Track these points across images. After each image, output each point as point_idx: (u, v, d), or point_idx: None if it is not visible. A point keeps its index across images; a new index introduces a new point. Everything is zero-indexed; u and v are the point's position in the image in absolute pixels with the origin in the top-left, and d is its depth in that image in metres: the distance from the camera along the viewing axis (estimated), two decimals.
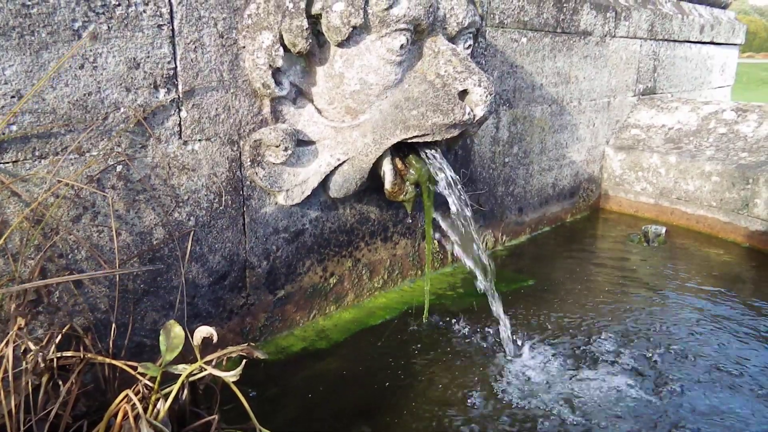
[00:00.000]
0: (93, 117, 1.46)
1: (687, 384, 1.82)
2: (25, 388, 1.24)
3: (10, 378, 1.20)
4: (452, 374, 1.85)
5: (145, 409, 1.26)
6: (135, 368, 1.28)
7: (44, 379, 1.30)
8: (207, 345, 1.34)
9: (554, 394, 1.75)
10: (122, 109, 1.51)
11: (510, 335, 1.98)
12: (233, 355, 1.33)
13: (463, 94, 1.78)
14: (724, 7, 4.87)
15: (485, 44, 2.53)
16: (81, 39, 1.40)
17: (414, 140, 1.82)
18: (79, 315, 1.52)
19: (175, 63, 1.58)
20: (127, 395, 1.26)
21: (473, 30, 1.93)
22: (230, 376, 1.25)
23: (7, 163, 1.36)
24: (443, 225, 2.10)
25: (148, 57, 1.53)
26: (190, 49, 1.60)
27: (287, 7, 1.61)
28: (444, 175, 1.93)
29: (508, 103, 2.77)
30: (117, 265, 1.55)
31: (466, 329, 2.12)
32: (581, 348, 2.01)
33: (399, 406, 1.69)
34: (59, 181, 1.42)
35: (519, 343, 2.01)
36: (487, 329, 2.09)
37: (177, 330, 1.31)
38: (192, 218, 1.72)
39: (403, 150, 1.94)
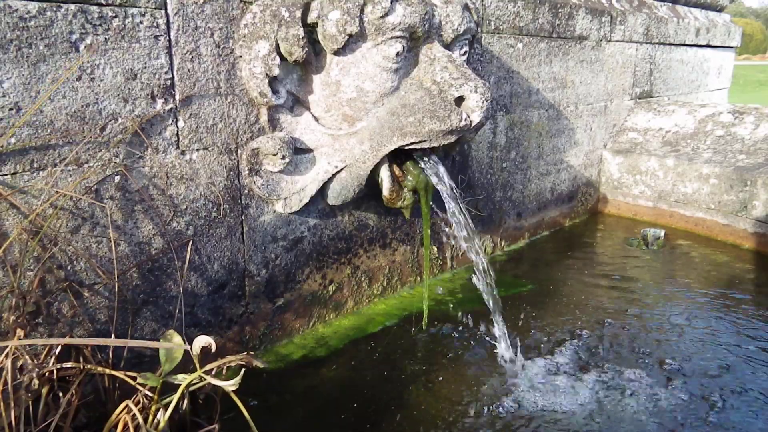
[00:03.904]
0: (91, 128, 1.46)
1: (693, 391, 1.82)
2: (25, 400, 1.24)
3: (10, 390, 1.20)
4: (452, 383, 1.85)
5: (146, 420, 1.26)
6: (135, 379, 1.29)
7: (44, 391, 1.30)
8: (206, 354, 1.34)
9: (555, 403, 1.75)
10: (120, 120, 1.51)
11: (509, 342, 1.98)
12: (233, 364, 1.33)
13: (460, 100, 1.79)
14: (720, 10, 4.89)
15: (481, 50, 2.54)
16: (78, 51, 1.40)
17: (411, 147, 1.83)
18: (78, 326, 1.52)
19: (172, 73, 1.59)
20: (127, 406, 1.26)
21: (469, 36, 1.94)
22: (230, 386, 1.25)
23: (6, 175, 1.36)
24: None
25: (146, 68, 1.53)
26: (186, 59, 1.61)
27: (283, 16, 1.62)
28: (442, 183, 1.93)
29: (505, 108, 2.78)
30: (116, 276, 1.55)
31: (466, 336, 2.11)
32: (583, 355, 2.01)
33: (399, 416, 1.69)
34: (57, 192, 1.42)
35: (519, 350, 2.01)
36: (486, 336, 2.09)
37: (176, 340, 1.31)
38: (190, 227, 1.72)
39: (400, 157, 1.94)
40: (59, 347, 1.38)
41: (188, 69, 1.62)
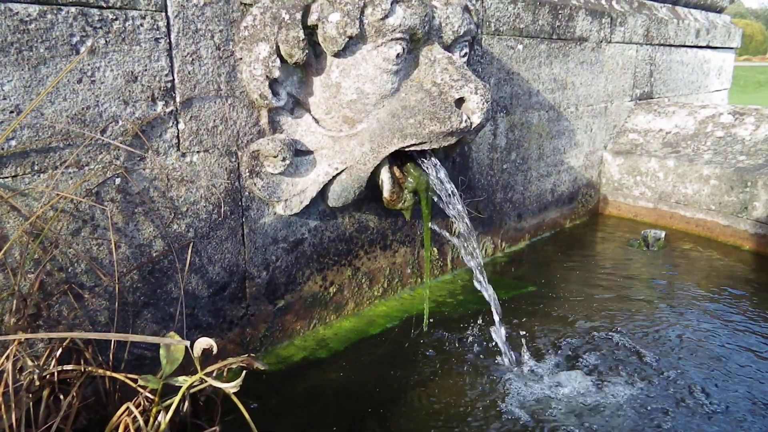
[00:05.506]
0: (91, 130, 1.46)
1: (696, 391, 1.82)
2: (26, 402, 1.24)
3: (11, 392, 1.20)
4: (453, 385, 1.85)
5: (146, 422, 1.26)
6: (135, 381, 1.29)
7: (45, 393, 1.30)
8: (207, 356, 1.34)
9: (557, 406, 1.75)
10: (120, 122, 1.51)
11: (510, 344, 1.97)
12: (234, 366, 1.33)
13: (460, 101, 1.79)
14: (720, 11, 4.89)
15: (481, 52, 2.54)
16: (79, 54, 1.41)
17: (411, 148, 1.83)
18: (79, 328, 1.52)
19: (173, 75, 1.59)
20: (128, 408, 1.27)
21: (469, 38, 1.94)
22: (231, 388, 1.25)
23: (6, 177, 1.36)
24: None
25: (146, 70, 1.54)
26: (187, 62, 1.61)
27: (283, 18, 1.63)
28: (443, 185, 1.93)
29: (506, 109, 2.78)
30: (116, 278, 1.55)
31: (467, 338, 2.11)
32: (583, 357, 2.00)
33: (399, 418, 1.69)
34: (58, 195, 1.42)
35: (520, 352, 2.01)
36: (487, 338, 2.09)
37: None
38: (191, 230, 1.72)
39: (400, 158, 1.94)
40: (60, 349, 1.38)
41: (189, 71, 1.62)
